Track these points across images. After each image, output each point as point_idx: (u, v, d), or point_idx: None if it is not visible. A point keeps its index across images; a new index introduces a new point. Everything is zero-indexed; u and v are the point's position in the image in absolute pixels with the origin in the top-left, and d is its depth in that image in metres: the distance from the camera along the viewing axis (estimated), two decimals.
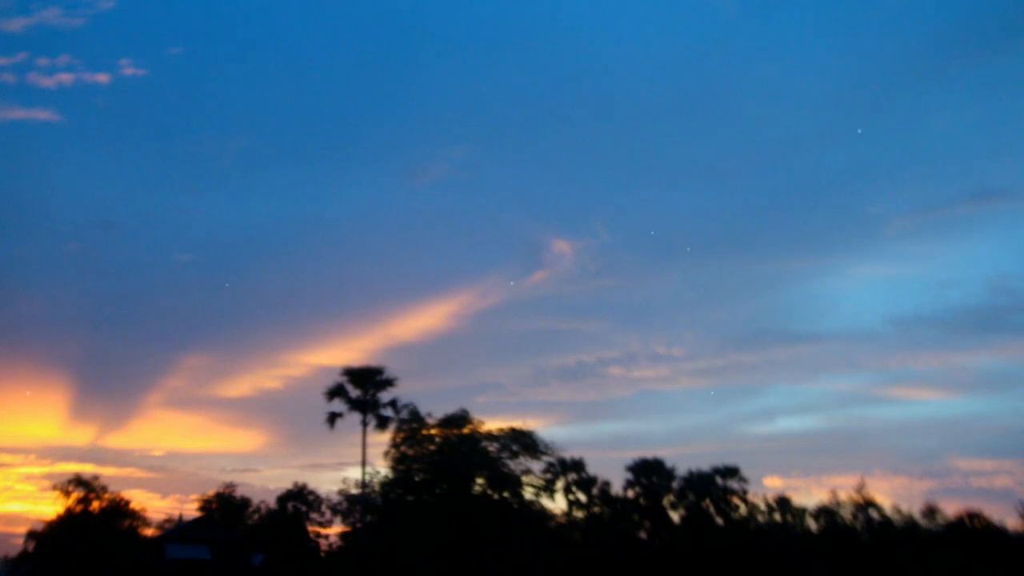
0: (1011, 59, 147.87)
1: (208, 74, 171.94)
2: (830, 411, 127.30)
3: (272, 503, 78.23)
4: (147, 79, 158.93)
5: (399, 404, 59.72)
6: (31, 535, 74.14)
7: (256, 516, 79.05)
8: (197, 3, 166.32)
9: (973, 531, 60.92)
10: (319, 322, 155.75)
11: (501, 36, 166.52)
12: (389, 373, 59.56)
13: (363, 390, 58.87)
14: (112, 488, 75.05)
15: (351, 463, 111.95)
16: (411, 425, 60.79)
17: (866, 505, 64.87)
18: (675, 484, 69.17)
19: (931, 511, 63.48)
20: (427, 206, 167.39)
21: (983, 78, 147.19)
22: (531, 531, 59.52)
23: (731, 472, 68.82)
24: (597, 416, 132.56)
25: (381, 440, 60.02)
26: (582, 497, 68.66)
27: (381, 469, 61.37)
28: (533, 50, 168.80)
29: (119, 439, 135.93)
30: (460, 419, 61.38)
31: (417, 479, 60.53)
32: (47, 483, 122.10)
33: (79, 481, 73.15)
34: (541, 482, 63.13)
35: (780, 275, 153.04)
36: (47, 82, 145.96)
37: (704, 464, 70.33)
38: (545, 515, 63.88)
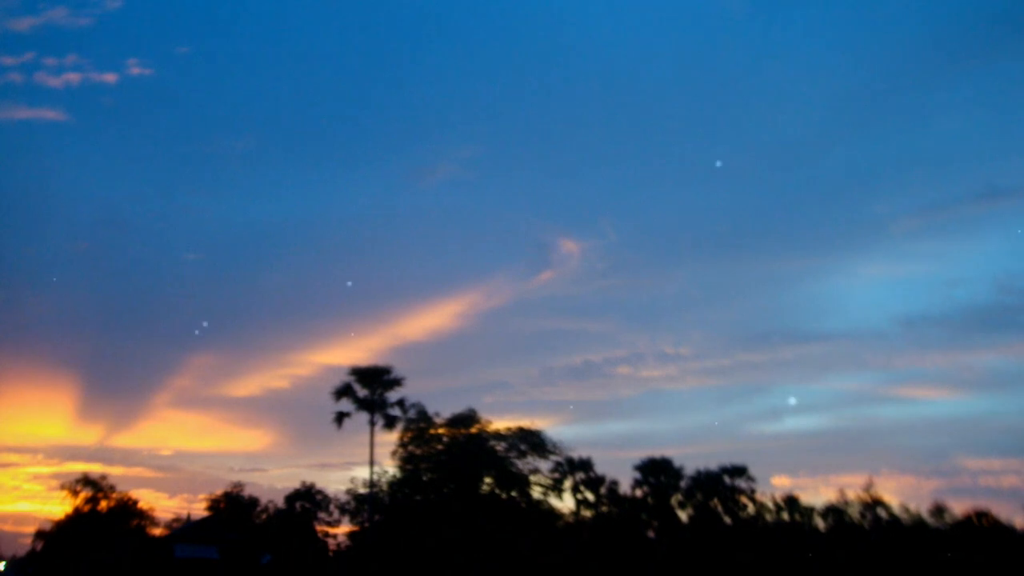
0: (1018, 59, 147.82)
1: (215, 74, 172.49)
2: (838, 410, 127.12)
3: (280, 502, 78.30)
4: (154, 79, 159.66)
5: (407, 404, 59.67)
6: (39, 535, 74.39)
7: (264, 516, 79.11)
8: (204, 3, 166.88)
9: (981, 530, 60.89)
10: (327, 322, 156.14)
11: (508, 35, 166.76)
12: (396, 373, 59.51)
13: (371, 390, 58.85)
14: (120, 488, 75.28)
15: (359, 463, 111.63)
16: (419, 425, 60.82)
17: (874, 504, 64.85)
18: (683, 483, 69.12)
19: (939, 510, 63.54)
20: (434, 206, 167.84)
21: (990, 77, 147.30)
22: (539, 530, 59.53)
23: (739, 471, 68.74)
24: (605, 415, 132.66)
25: (389, 440, 60.10)
26: (590, 496, 68.64)
27: (389, 468, 61.54)
28: (540, 50, 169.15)
29: (127, 438, 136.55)
30: (467, 418, 61.41)
31: (425, 478, 60.61)
32: (55, 483, 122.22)
33: (87, 481, 73.29)
34: (549, 481, 63.20)
35: (787, 274, 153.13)
36: (54, 82, 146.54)
37: (712, 463, 70.27)
38: (553, 514, 63.88)
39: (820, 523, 67.42)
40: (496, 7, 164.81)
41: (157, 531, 76.69)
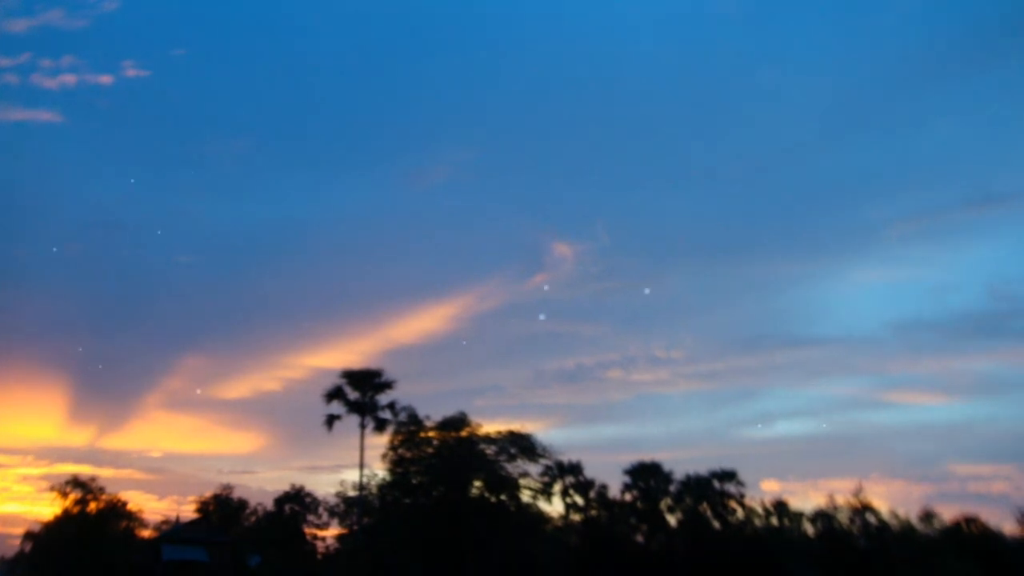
0: (1012, 64, 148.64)
1: (211, 76, 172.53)
2: (829, 415, 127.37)
3: (269, 505, 78.31)
4: (150, 80, 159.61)
5: (397, 407, 59.72)
6: (28, 536, 74.21)
7: (253, 518, 79.05)
8: (200, 5, 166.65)
9: (970, 536, 60.99)
10: (318, 324, 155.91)
11: (503, 40, 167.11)
12: (388, 375, 59.61)
13: (361, 392, 58.85)
14: (110, 489, 75.20)
15: (349, 465, 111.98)
16: (409, 428, 60.78)
17: (863, 509, 64.82)
18: (672, 487, 69.16)
19: (928, 516, 63.57)
20: (428, 209, 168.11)
21: (984, 83, 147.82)
22: (528, 534, 59.48)
23: (728, 476, 68.80)
24: (596, 419, 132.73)
25: (379, 442, 60.09)
26: (579, 500, 68.63)
27: (379, 471, 61.44)
28: (535, 54, 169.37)
29: (117, 440, 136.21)
30: (458, 422, 61.37)
31: (414, 481, 60.50)
32: (45, 484, 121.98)
33: (77, 482, 73.11)
34: (538, 485, 63.12)
35: (780, 279, 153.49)
36: (50, 83, 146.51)
37: (702, 468, 70.72)
38: (542, 518, 63.84)
39: (809, 528, 67.52)
40: (491, 11, 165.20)
41: (146, 533, 76.61)
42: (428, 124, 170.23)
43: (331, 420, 58.48)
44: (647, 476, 69.49)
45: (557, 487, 67.19)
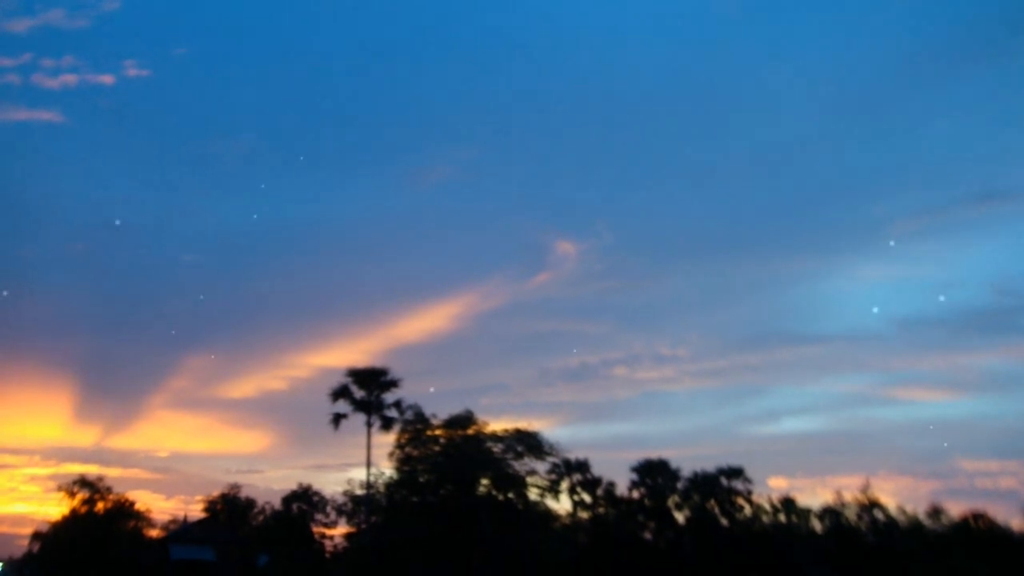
0: (1016, 61, 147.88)
1: (212, 75, 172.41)
2: (835, 412, 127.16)
3: (277, 504, 78.28)
4: (151, 80, 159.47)
5: (403, 405, 59.81)
6: (36, 536, 74.47)
7: (261, 517, 79.05)
8: (201, 4, 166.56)
9: (978, 532, 60.96)
10: (323, 323, 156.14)
11: (505, 38, 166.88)
12: (393, 374, 59.71)
13: (367, 391, 58.94)
14: (117, 489, 75.09)
15: (355, 464, 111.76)
16: (415, 426, 60.76)
17: (871, 506, 64.85)
18: (680, 485, 69.17)
19: (936, 512, 63.60)
20: (431, 207, 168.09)
21: (988, 80, 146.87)
22: (536, 532, 59.44)
23: (736, 473, 68.81)
24: (601, 417, 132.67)
25: (386, 441, 60.09)
26: (587, 498, 68.71)
27: (386, 470, 61.35)
28: (536, 52, 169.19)
29: (124, 440, 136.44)
30: (464, 420, 61.31)
31: (422, 480, 60.47)
32: (52, 484, 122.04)
33: (84, 482, 73.16)
34: (546, 483, 63.01)
35: (784, 276, 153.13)
36: (51, 83, 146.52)
37: (709, 465, 70.42)
38: (550, 516, 63.78)
39: (817, 525, 67.50)
40: (492, 10, 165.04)
41: (153, 532, 76.71)
42: (430, 123, 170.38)
43: (337, 419, 58.63)
44: (654, 473, 69.52)
45: (564, 485, 67.30)
